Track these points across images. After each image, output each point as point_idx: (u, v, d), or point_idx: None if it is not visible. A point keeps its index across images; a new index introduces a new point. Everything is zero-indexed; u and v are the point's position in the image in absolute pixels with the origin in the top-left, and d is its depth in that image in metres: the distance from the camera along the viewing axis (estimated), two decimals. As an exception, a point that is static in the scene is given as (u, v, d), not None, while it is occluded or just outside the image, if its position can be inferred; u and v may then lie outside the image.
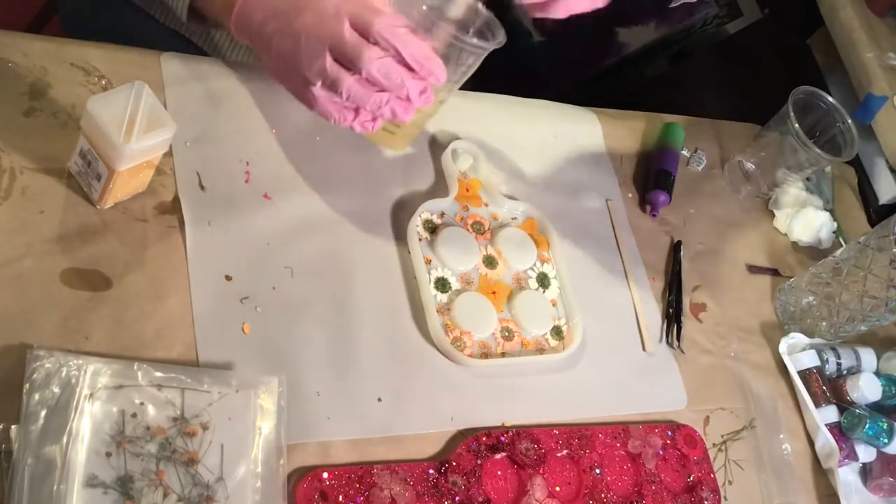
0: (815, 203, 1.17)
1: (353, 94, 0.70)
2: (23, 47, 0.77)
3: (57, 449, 0.60)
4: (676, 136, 1.10)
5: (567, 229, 0.97)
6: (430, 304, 0.82)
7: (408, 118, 0.73)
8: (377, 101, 0.71)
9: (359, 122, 0.74)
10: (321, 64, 0.70)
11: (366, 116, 0.73)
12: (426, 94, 0.71)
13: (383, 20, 0.68)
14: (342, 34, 0.69)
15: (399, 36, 0.69)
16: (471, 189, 0.93)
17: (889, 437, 0.97)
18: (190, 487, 0.64)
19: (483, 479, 0.76)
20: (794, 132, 1.04)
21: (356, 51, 0.69)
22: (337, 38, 0.69)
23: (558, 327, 0.89)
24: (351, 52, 0.69)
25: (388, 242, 0.85)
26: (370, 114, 0.73)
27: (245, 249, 0.77)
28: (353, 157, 0.88)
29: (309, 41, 0.70)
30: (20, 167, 0.71)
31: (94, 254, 0.71)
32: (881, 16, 1.40)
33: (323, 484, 0.69)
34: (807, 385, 1.00)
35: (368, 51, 0.68)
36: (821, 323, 1.03)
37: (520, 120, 1.03)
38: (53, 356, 0.63)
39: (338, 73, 0.70)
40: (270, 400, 0.70)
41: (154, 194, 0.76)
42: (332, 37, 0.69)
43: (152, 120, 0.68)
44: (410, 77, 0.70)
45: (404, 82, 0.70)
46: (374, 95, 0.70)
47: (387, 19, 0.68)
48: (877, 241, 0.97)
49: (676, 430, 0.89)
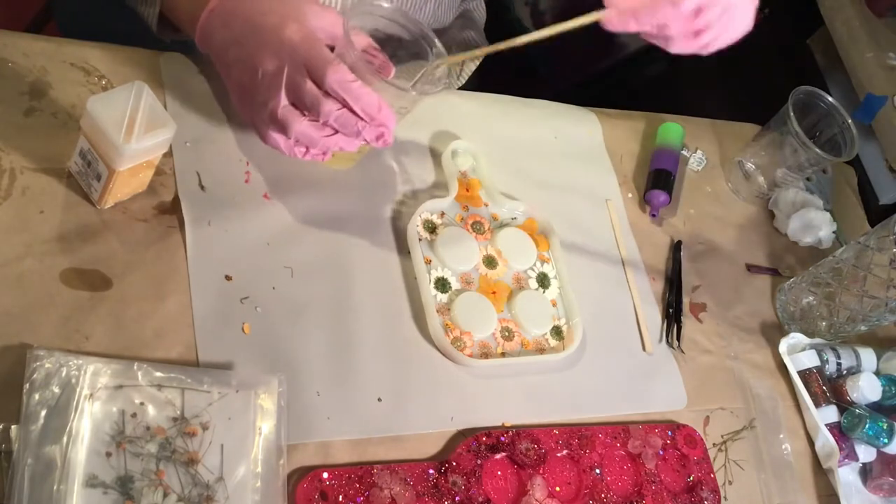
0: (815, 203, 1.17)
1: (302, 138, 0.74)
2: (23, 47, 0.77)
3: (57, 449, 0.60)
4: (676, 136, 1.10)
5: (567, 229, 0.97)
6: (430, 304, 0.82)
7: (355, 149, 0.77)
8: (326, 144, 0.75)
9: (310, 156, 0.77)
10: (274, 106, 0.73)
11: (316, 152, 0.77)
12: (383, 138, 0.74)
13: (336, 74, 0.71)
14: (301, 84, 0.72)
15: (351, 90, 0.71)
16: (471, 189, 0.93)
17: (889, 437, 0.97)
18: (190, 487, 0.64)
19: (483, 479, 0.76)
20: (794, 132, 1.04)
21: (315, 102, 0.72)
22: (295, 85, 0.72)
23: (558, 327, 0.89)
24: (310, 103, 0.72)
25: (388, 242, 0.85)
26: (320, 150, 0.76)
27: (245, 249, 0.77)
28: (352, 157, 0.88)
29: (266, 83, 0.73)
30: (20, 167, 0.71)
31: (94, 254, 0.71)
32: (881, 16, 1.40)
33: (323, 484, 0.69)
34: (807, 385, 1.00)
35: (326, 104, 0.71)
36: (821, 323, 1.03)
37: (520, 120, 1.03)
38: (53, 356, 0.63)
39: (289, 118, 0.73)
40: (270, 400, 0.70)
41: (154, 194, 0.76)
42: (290, 84, 0.72)
43: (152, 120, 0.68)
44: (366, 126, 0.73)
45: (361, 132, 0.73)
46: (322, 140, 0.74)
47: (339, 73, 0.71)
48: (877, 241, 0.97)
49: (676, 430, 0.89)
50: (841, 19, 1.38)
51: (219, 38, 0.76)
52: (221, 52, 0.77)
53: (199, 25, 0.77)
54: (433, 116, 0.96)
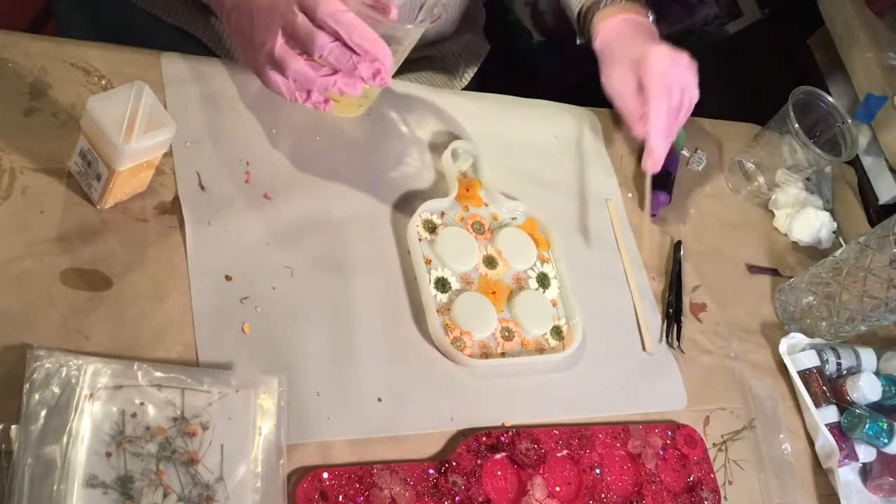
0: (815, 203, 1.17)
1: (298, 78, 0.73)
2: (23, 47, 0.77)
3: (57, 449, 0.60)
4: (676, 137, 1.10)
5: (567, 229, 0.97)
6: (430, 304, 0.82)
7: (356, 93, 0.75)
8: (324, 84, 0.73)
9: (311, 103, 0.76)
10: (270, 46, 0.72)
11: (318, 97, 0.76)
12: (380, 75, 0.73)
13: (328, 6, 0.70)
14: (293, 19, 0.71)
15: (344, 22, 0.70)
16: (471, 189, 0.93)
17: (889, 437, 0.97)
18: (190, 487, 0.64)
19: (483, 479, 0.76)
20: (794, 132, 1.04)
21: (308, 37, 0.70)
22: (288, 22, 0.71)
23: (558, 327, 0.89)
24: (303, 38, 0.71)
25: (388, 242, 0.85)
26: (321, 95, 0.75)
27: (245, 249, 0.77)
28: (353, 157, 0.88)
29: (261, 22, 0.73)
30: (20, 167, 0.71)
31: (94, 254, 0.71)
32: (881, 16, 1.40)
33: (323, 484, 0.69)
34: (807, 385, 1.00)
35: (319, 37, 0.70)
36: (821, 323, 1.03)
37: (520, 120, 1.04)
38: (53, 356, 0.63)
39: (285, 57, 0.72)
40: (270, 400, 0.70)
41: (154, 194, 0.76)
42: (283, 20, 0.71)
43: (152, 120, 0.68)
44: (362, 60, 0.71)
45: (356, 65, 0.71)
46: (319, 80, 0.73)
47: (331, 5, 0.70)
48: (877, 241, 0.97)
49: (676, 430, 0.89)
50: (841, 19, 1.38)
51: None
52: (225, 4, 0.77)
53: None
54: (433, 116, 0.96)
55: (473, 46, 1.14)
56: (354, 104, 0.84)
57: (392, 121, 0.93)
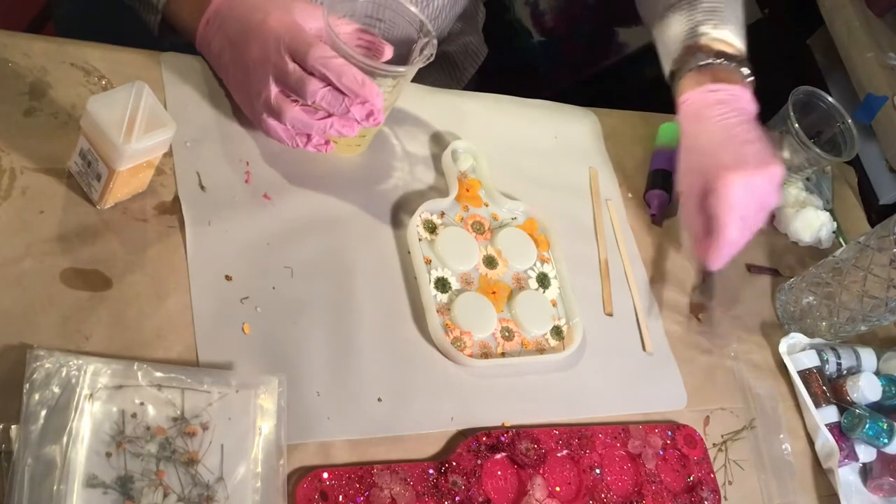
0: (815, 203, 1.16)
1: (296, 124, 0.76)
2: (23, 47, 0.77)
3: (57, 449, 0.60)
4: (676, 136, 1.10)
5: (567, 229, 0.97)
6: (430, 304, 0.82)
7: (353, 134, 0.77)
8: (321, 127, 0.76)
9: (313, 146, 0.79)
10: (266, 96, 0.75)
11: (318, 140, 0.78)
12: (373, 116, 0.75)
13: (316, 51, 0.72)
14: (285, 68, 0.73)
15: (332, 67, 0.72)
16: (471, 189, 0.93)
17: (889, 437, 0.97)
18: (190, 487, 0.64)
19: (483, 479, 0.76)
20: (794, 132, 1.04)
21: (300, 84, 0.73)
22: (280, 70, 0.74)
23: (558, 327, 0.89)
24: (295, 85, 0.73)
25: (388, 243, 0.85)
26: (321, 137, 0.78)
27: (245, 249, 0.77)
28: (353, 157, 0.88)
29: (255, 74, 0.76)
30: (20, 167, 0.71)
31: (94, 254, 0.71)
32: (881, 16, 1.40)
33: (323, 484, 0.69)
34: (807, 385, 1.00)
35: (310, 84, 0.73)
36: (821, 323, 1.03)
37: (520, 120, 1.03)
38: (53, 356, 0.63)
39: (281, 104, 0.75)
40: (270, 400, 0.70)
41: (154, 194, 0.76)
42: (276, 70, 0.74)
43: (152, 120, 0.68)
44: (353, 103, 0.73)
45: (349, 108, 0.74)
46: (316, 123, 0.75)
47: (320, 51, 0.72)
48: (877, 241, 0.97)
49: (676, 430, 0.89)
50: (841, 19, 1.38)
51: (216, 43, 0.79)
52: (219, 56, 0.80)
53: (198, 34, 0.80)
54: (433, 116, 0.96)
55: (473, 46, 1.14)
56: (353, 144, 0.86)
57: (392, 121, 0.93)
